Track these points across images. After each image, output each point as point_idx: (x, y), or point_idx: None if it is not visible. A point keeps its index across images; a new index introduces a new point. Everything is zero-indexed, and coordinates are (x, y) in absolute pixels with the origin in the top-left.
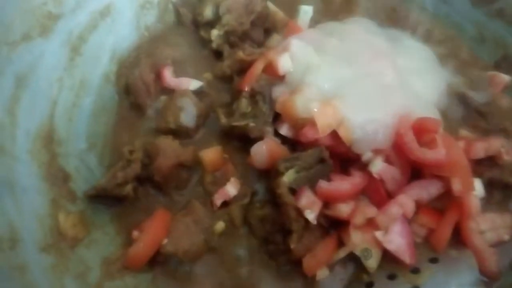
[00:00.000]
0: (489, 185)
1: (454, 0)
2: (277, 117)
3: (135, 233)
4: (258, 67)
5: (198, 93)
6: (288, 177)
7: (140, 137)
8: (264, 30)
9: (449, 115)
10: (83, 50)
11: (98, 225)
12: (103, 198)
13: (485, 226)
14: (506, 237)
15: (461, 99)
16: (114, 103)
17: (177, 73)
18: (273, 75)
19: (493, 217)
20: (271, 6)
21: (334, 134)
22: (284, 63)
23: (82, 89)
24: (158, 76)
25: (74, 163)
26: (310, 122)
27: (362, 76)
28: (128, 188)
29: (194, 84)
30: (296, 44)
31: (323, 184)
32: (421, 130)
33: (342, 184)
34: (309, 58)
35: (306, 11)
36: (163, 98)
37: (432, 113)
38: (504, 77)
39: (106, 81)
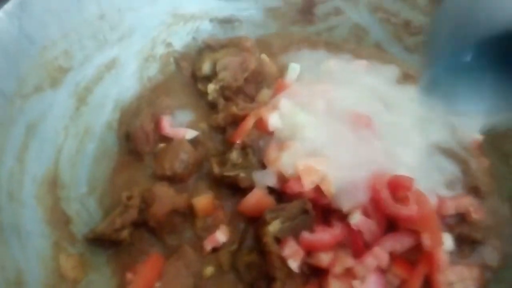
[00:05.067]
0: (459, 240)
1: None
2: (264, 168)
3: (129, 275)
4: (250, 122)
5: (194, 142)
6: (273, 227)
7: (138, 183)
8: (257, 84)
9: (435, 170)
10: (88, 100)
11: (95, 266)
12: (100, 241)
13: (454, 277)
14: None
15: (447, 155)
16: (114, 149)
17: (175, 121)
18: (263, 130)
19: (462, 269)
20: (265, 59)
21: (317, 188)
22: (273, 121)
23: (86, 136)
24: (157, 125)
25: (75, 207)
26: (296, 177)
27: (344, 136)
28: (125, 233)
29: (190, 133)
30: (285, 104)
31: (306, 235)
32: (395, 186)
33: (323, 235)
34: (296, 118)
35: (294, 68)
36: (161, 145)
37: (409, 170)
38: (476, 135)
39: (108, 128)
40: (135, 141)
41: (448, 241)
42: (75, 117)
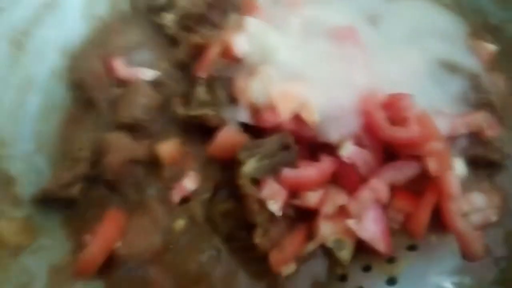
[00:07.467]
0: (474, 163)
1: None
2: (235, 103)
3: (87, 237)
4: (214, 51)
5: (155, 83)
6: (248, 167)
7: (90, 134)
8: (224, 11)
9: (438, 88)
10: (28, 46)
11: (47, 230)
12: (53, 202)
13: (469, 207)
14: (493, 218)
15: (452, 70)
16: (64, 100)
17: (132, 63)
18: (231, 59)
19: (478, 197)
20: None
21: (298, 118)
22: (240, 44)
23: (28, 88)
24: (111, 68)
25: (20, 166)
26: (270, 106)
27: (326, 55)
28: (76, 189)
29: (149, 74)
30: (252, 23)
31: (287, 172)
32: (391, 107)
33: (307, 171)
34: (267, 39)
35: None
36: (116, 91)
37: (406, 89)
38: (489, 46)
39: (55, 77)
40: (86, 88)
41: (460, 166)
42: (14, 66)
